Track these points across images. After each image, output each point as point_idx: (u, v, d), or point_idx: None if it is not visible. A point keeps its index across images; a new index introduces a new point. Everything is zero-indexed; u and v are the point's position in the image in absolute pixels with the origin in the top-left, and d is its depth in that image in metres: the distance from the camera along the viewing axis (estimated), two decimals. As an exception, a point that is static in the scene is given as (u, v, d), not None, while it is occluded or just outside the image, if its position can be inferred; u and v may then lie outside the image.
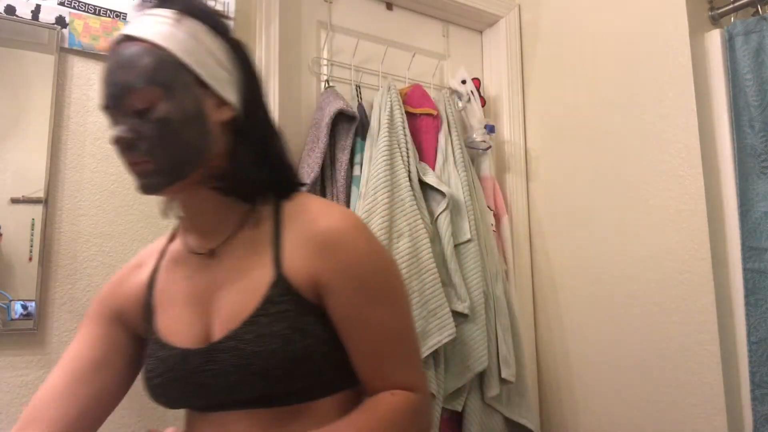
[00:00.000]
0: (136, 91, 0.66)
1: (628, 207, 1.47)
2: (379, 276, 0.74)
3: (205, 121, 0.70)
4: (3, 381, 1.05)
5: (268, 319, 0.69)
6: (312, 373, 0.70)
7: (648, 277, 1.41)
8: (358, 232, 0.74)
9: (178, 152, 0.68)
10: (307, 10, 1.56)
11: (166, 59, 0.68)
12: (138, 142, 0.67)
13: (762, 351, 1.22)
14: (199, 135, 0.70)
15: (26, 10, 1.13)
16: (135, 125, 0.67)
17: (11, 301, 1.07)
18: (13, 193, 1.09)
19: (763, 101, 1.28)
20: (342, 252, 0.71)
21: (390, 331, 0.74)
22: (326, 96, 1.45)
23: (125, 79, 0.67)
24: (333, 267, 0.71)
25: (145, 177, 0.69)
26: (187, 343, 0.73)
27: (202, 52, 0.70)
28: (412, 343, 0.78)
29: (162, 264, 0.82)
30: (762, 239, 1.25)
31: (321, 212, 0.74)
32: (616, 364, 1.47)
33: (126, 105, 0.67)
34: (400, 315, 0.76)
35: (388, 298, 0.74)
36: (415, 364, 0.77)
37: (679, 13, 1.38)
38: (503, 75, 1.83)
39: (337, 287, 0.71)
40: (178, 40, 0.69)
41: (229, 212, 0.76)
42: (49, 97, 1.13)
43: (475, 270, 1.45)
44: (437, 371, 1.34)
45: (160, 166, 0.68)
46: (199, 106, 0.70)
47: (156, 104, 0.67)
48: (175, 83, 0.68)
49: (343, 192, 1.39)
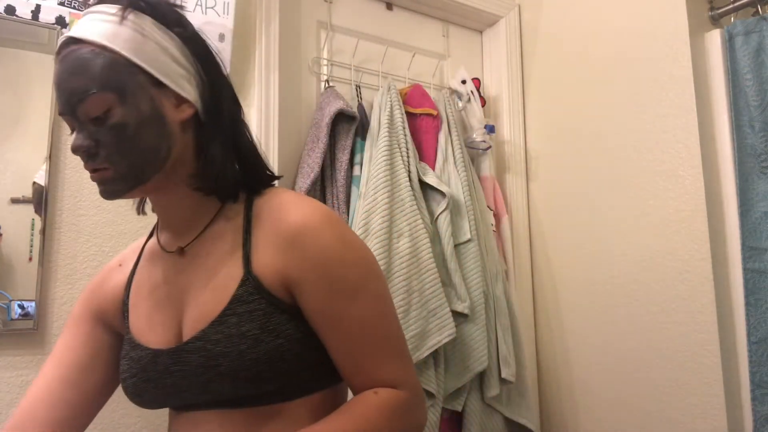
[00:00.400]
0: (87, 97, 0.64)
1: (628, 207, 1.47)
2: (351, 270, 0.70)
3: (164, 121, 0.67)
4: (3, 381, 1.05)
5: (237, 318, 0.67)
6: (284, 373, 0.68)
7: (648, 277, 1.41)
8: (327, 225, 0.70)
9: (136, 157, 0.66)
10: (307, 10, 1.56)
11: (116, 61, 0.64)
12: (97, 149, 0.65)
13: (762, 351, 1.22)
14: (159, 137, 0.67)
15: (26, 10, 1.13)
16: (92, 132, 0.65)
17: (11, 301, 1.07)
18: (13, 193, 1.09)
19: (763, 101, 1.28)
20: (310, 246, 0.68)
21: (368, 326, 0.70)
22: (326, 96, 1.45)
23: (76, 85, 0.64)
24: (301, 262, 0.68)
25: (105, 183, 0.67)
26: (158, 344, 0.72)
27: (153, 50, 0.66)
28: (395, 338, 0.73)
29: (140, 263, 0.81)
30: (762, 239, 1.25)
31: (290, 207, 0.71)
32: (616, 364, 1.47)
33: (80, 112, 0.65)
34: (377, 309, 0.72)
35: (362, 292, 0.70)
36: (401, 360, 0.73)
37: (679, 13, 1.38)
38: (503, 75, 1.83)
39: (307, 283, 0.68)
40: (124, 39, 0.65)
41: (200, 210, 0.74)
42: (49, 97, 1.13)
43: (475, 270, 1.45)
44: (437, 371, 1.34)
45: (120, 172, 0.66)
46: (156, 106, 0.67)
47: (111, 110, 0.64)
48: (127, 86, 0.65)
49: (343, 192, 1.39)
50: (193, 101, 0.70)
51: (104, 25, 0.65)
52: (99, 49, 0.64)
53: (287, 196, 0.74)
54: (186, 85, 0.69)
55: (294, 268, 0.68)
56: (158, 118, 0.67)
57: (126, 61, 0.65)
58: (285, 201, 0.73)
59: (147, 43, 0.66)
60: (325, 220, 0.70)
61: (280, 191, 0.76)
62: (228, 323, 0.67)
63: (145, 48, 0.66)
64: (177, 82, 0.68)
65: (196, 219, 0.74)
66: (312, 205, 0.72)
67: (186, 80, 0.69)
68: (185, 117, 0.70)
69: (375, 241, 1.30)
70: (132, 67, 0.65)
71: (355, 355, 0.70)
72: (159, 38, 0.67)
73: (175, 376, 0.69)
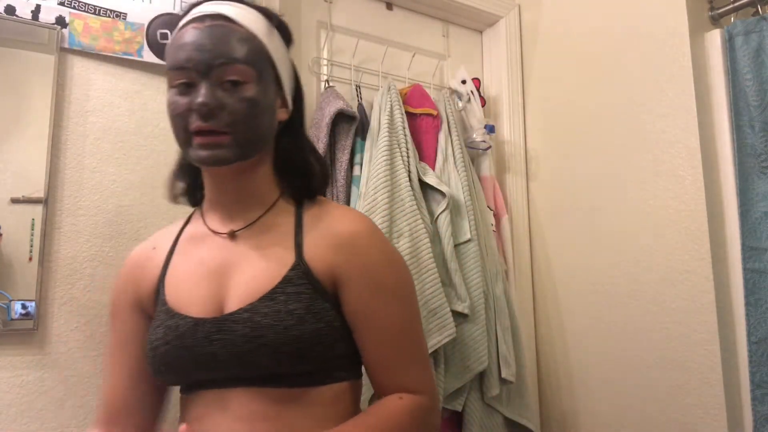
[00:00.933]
0: (235, 63, 0.72)
1: (628, 207, 1.47)
2: (391, 275, 0.79)
3: (274, 114, 0.79)
4: (3, 381, 1.05)
5: (286, 297, 0.72)
6: (319, 357, 0.73)
7: (648, 277, 1.41)
8: (375, 235, 0.81)
9: (254, 133, 0.75)
10: (307, 10, 1.56)
11: (264, 51, 0.76)
12: (221, 112, 0.71)
13: (762, 351, 1.22)
14: (270, 124, 0.79)
15: (26, 10, 1.13)
16: (220, 95, 0.72)
17: (11, 301, 1.07)
18: (13, 193, 1.09)
19: (763, 101, 1.28)
20: (359, 250, 0.78)
21: (398, 328, 0.78)
22: (326, 96, 1.45)
23: (227, 50, 0.72)
24: (350, 262, 0.77)
25: (218, 148, 0.72)
26: (199, 313, 0.75)
27: (284, 60, 0.82)
28: (422, 345, 0.82)
29: (178, 245, 0.85)
30: (762, 239, 1.25)
31: (346, 213, 0.83)
32: (616, 364, 1.47)
33: (218, 74, 0.72)
34: (409, 314, 0.80)
35: (398, 296, 0.79)
36: (424, 366, 0.81)
37: (679, 13, 1.38)
38: (503, 75, 1.83)
39: (352, 281, 0.76)
40: (273, 42, 0.78)
41: (260, 201, 0.82)
42: (49, 97, 1.13)
43: (475, 270, 1.45)
44: (437, 371, 1.34)
45: (237, 140, 0.73)
46: (274, 100, 0.79)
47: (247, 84, 0.73)
48: (265, 73, 0.76)
49: (343, 192, 1.39)
50: (289, 109, 0.83)
51: (260, 24, 0.78)
52: (254, 38, 0.75)
53: (342, 207, 0.88)
54: (289, 94, 0.83)
55: (343, 266, 0.76)
56: (273, 109, 0.79)
57: (269, 56, 0.77)
58: (340, 209, 0.85)
59: (283, 53, 0.82)
60: (374, 231, 0.82)
61: (332, 202, 0.89)
62: (277, 300, 0.72)
63: (282, 56, 0.81)
64: (288, 90, 0.83)
65: (253, 208, 0.81)
66: (363, 217, 0.84)
67: (289, 90, 0.83)
68: (283, 118, 0.82)
69: (375, 241, 1.30)
70: (271, 63, 0.78)
71: (383, 353, 0.78)
72: (286, 53, 0.83)
73: (215, 345, 0.72)
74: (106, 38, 1.20)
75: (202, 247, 0.81)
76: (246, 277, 0.76)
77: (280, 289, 0.73)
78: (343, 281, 0.76)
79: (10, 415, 1.05)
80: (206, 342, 0.72)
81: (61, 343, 1.11)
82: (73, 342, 1.12)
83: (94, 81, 1.20)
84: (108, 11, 1.21)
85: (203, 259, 0.80)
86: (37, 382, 1.08)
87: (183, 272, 0.80)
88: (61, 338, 1.11)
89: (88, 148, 1.18)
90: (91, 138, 1.19)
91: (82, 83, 1.19)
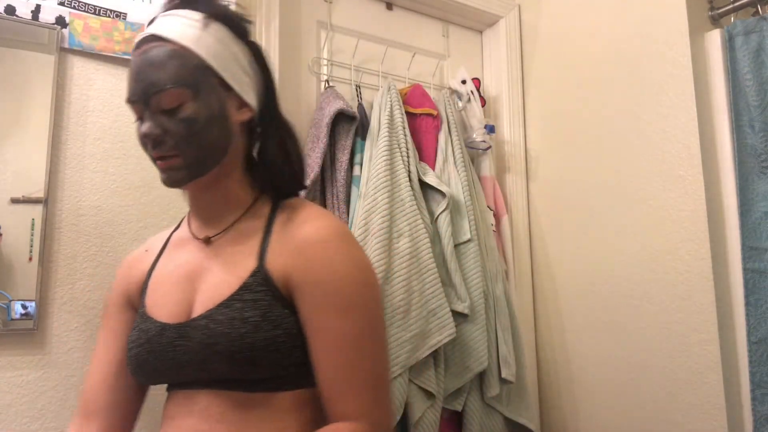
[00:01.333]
0: (165, 91, 0.71)
1: (628, 207, 1.47)
2: (348, 287, 0.72)
3: (227, 121, 0.76)
4: (3, 381, 1.05)
5: (242, 304, 0.71)
6: (277, 363, 0.71)
7: (648, 277, 1.41)
8: (338, 241, 0.74)
9: (202, 149, 0.73)
10: (307, 10, 1.56)
11: (196, 62, 0.72)
12: (165, 138, 0.72)
13: (762, 351, 1.22)
14: (222, 134, 0.75)
15: (26, 10, 1.13)
16: (162, 122, 0.72)
17: (11, 301, 1.07)
18: (13, 193, 1.09)
19: (763, 101, 1.28)
20: (316, 257, 0.73)
21: (347, 346, 0.71)
22: (326, 96, 1.45)
23: (155, 78, 0.71)
24: (305, 269, 0.72)
25: (171, 171, 0.73)
26: (167, 318, 0.76)
27: (228, 57, 0.75)
28: (376, 369, 0.73)
29: (166, 249, 0.87)
30: (762, 239, 1.25)
31: (310, 217, 0.77)
32: (616, 364, 1.47)
33: (154, 103, 0.72)
34: (362, 332, 0.72)
35: (353, 311, 0.72)
36: (372, 391, 0.72)
37: (679, 13, 1.38)
38: (503, 75, 1.83)
39: (305, 290, 0.72)
40: (206, 45, 0.73)
41: (235, 205, 0.81)
42: (49, 97, 1.13)
43: (475, 270, 1.45)
44: (437, 371, 1.34)
45: (187, 161, 0.73)
46: (223, 107, 0.75)
47: (184, 104, 0.72)
48: (202, 85, 0.73)
49: (343, 192, 1.39)
50: (253, 106, 0.79)
51: (189, 30, 0.73)
52: (182, 49, 0.72)
53: (312, 209, 0.80)
54: (249, 90, 0.78)
55: (297, 272, 0.72)
56: (223, 117, 0.75)
57: (204, 64, 0.73)
58: (309, 212, 0.78)
59: (223, 51, 0.75)
60: (338, 236, 0.75)
61: (308, 203, 0.82)
62: (233, 307, 0.71)
63: (221, 55, 0.75)
64: (242, 87, 0.77)
65: (228, 214, 0.81)
66: (330, 221, 0.77)
67: (249, 87, 0.79)
68: (245, 119, 0.78)
69: (375, 241, 1.30)
70: (208, 69, 0.73)
71: (327, 373, 0.71)
72: (233, 47, 0.76)
73: (177, 351, 0.73)
74: (106, 38, 1.20)
75: (183, 252, 0.82)
76: (211, 283, 0.76)
77: (237, 296, 0.72)
78: (297, 289, 0.73)
79: (10, 415, 1.05)
80: (170, 348, 0.73)
81: (61, 343, 1.11)
82: (73, 342, 1.12)
83: (94, 81, 1.20)
84: (108, 11, 1.21)
85: (181, 264, 0.81)
86: (37, 382, 1.08)
87: (162, 276, 0.82)
88: (61, 338, 1.11)
89: (88, 148, 1.18)
90: (91, 138, 1.19)
91: (82, 83, 1.19)
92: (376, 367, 0.73)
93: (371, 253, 1.29)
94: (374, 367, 0.73)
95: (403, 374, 1.26)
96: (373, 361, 0.73)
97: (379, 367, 0.73)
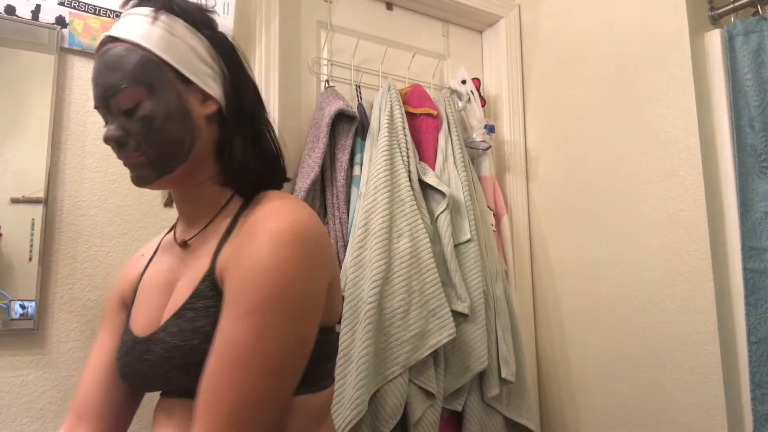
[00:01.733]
0: (120, 91, 0.69)
1: (628, 207, 1.47)
2: (257, 292, 0.61)
3: (189, 116, 0.72)
4: (3, 381, 1.05)
5: (194, 313, 0.67)
6: None
7: (648, 277, 1.41)
8: (274, 242, 0.63)
9: (164, 146, 0.70)
10: (307, 10, 1.56)
11: (148, 58, 0.69)
12: (127, 139, 0.70)
13: (762, 351, 1.22)
14: (184, 130, 0.71)
15: (26, 10, 1.13)
16: (123, 123, 0.70)
17: (11, 301, 1.07)
18: (13, 193, 1.09)
19: (763, 101, 1.28)
20: (246, 254, 0.64)
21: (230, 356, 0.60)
22: (326, 96, 1.45)
23: (110, 80, 0.69)
24: (234, 266, 0.65)
25: (136, 169, 0.72)
26: (139, 330, 0.75)
27: (182, 49, 0.71)
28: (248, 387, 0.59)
29: (156, 253, 0.85)
30: (762, 239, 1.25)
31: (266, 213, 0.68)
32: (616, 364, 1.47)
33: (113, 105, 0.70)
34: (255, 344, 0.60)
35: (251, 318, 0.60)
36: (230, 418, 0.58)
37: (679, 13, 1.38)
38: (503, 75, 1.83)
39: (226, 287, 0.65)
40: (156, 38, 0.70)
41: (210, 206, 0.77)
42: (49, 97, 1.13)
43: (475, 270, 1.45)
44: (437, 371, 1.34)
45: (150, 159, 0.71)
46: (183, 101, 0.71)
47: (141, 103, 0.69)
48: (157, 82, 0.69)
49: (343, 192, 1.39)
50: (218, 98, 0.74)
51: (139, 26, 0.71)
52: (133, 47, 0.70)
53: (274, 203, 0.70)
54: (211, 82, 0.74)
55: (227, 270, 0.66)
56: (184, 112, 0.71)
57: (157, 59, 0.70)
58: (268, 207, 0.69)
59: (177, 43, 0.71)
60: (278, 234, 0.63)
61: (277, 197, 0.73)
62: (185, 317, 0.68)
63: (175, 47, 0.71)
64: (203, 79, 0.73)
65: (205, 214, 0.77)
66: (282, 218, 0.65)
67: (212, 78, 0.74)
68: (209, 112, 0.74)
69: (375, 241, 1.30)
70: (162, 64, 0.70)
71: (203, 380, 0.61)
72: (188, 39, 0.72)
73: (145, 365, 0.71)
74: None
75: (167, 257, 0.80)
76: (176, 291, 0.73)
77: (189, 305, 0.68)
78: (224, 285, 0.66)
79: (10, 415, 1.05)
80: (138, 362, 0.72)
81: (61, 343, 1.11)
82: (73, 342, 1.12)
83: (94, 81, 1.20)
84: (108, 11, 1.21)
85: (163, 270, 0.79)
86: (37, 382, 1.08)
87: (147, 282, 0.81)
88: (61, 338, 1.11)
89: (88, 148, 1.18)
90: (91, 138, 1.19)
91: (82, 83, 1.19)
92: (248, 388, 0.59)
93: (371, 253, 1.29)
94: (244, 387, 0.59)
95: (403, 374, 1.26)
96: (248, 381, 0.60)
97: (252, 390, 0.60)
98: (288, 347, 0.62)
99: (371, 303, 1.25)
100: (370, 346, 1.22)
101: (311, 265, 0.65)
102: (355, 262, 1.30)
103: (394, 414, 1.24)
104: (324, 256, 0.68)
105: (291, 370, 0.63)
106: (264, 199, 0.73)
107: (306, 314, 0.64)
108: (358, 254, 1.31)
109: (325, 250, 0.68)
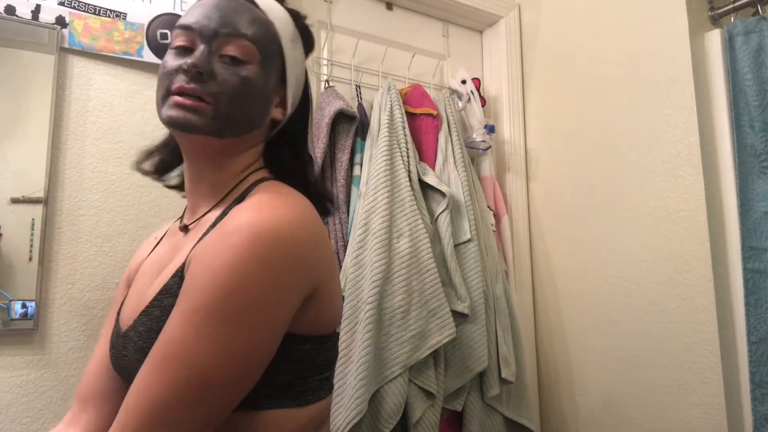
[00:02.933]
0: (242, 39, 0.67)
1: (628, 207, 1.47)
2: (207, 291, 0.55)
3: (267, 107, 0.72)
4: (3, 381, 1.05)
5: (160, 312, 0.61)
6: None
7: (648, 277, 1.41)
8: (237, 238, 0.56)
9: (239, 112, 0.67)
10: (307, 10, 1.55)
11: (276, 40, 0.71)
12: (210, 78, 0.65)
13: (762, 351, 1.22)
14: (259, 114, 0.71)
15: (26, 10, 1.13)
16: (214, 64, 0.66)
17: (11, 301, 1.07)
18: (13, 193, 1.09)
19: (763, 101, 1.28)
20: (207, 246, 0.59)
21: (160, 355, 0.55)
22: (326, 96, 1.45)
23: (236, 20, 0.67)
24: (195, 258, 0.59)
25: (193, 113, 0.64)
26: (123, 323, 0.71)
27: (295, 58, 0.75)
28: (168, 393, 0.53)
29: (164, 238, 0.82)
30: (762, 239, 1.25)
31: (249, 204, 0.61)
32: (616, 364, 1.47)
33: (220, 44, 0.67)
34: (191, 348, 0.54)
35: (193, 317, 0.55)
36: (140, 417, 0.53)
37: (679, 13, 1.38)
38: (503, 75, 1.83)
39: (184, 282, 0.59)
40: (288, 36, 0.73)
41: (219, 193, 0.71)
42: (49, 97, 1.13)
43: (475, 270, 1.45)
44: (437, 371, 1.34)
45: (218, 113, 0.65)
46: (271, 92, 0.72)
47: (249, 63, 0.68)
48: (271, 60, 0.70)
49: (343, 192, 1.39)
50: (288, 111, 0.76)
51: (280, 12, 0.73)
52: (269, 23, 0.71)
53: (264, 197, 0.63)
54: (291, 96, 0.76)
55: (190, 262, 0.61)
56: (267, 102, 0.72)
57: (280, 47, 0.72)
58: (255, 200, 0.62)
59: (295, 52, 0.76)
60: (249, 232, 0.56)
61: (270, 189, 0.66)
62: (151, 315, 0.63)
63: (293, 54, 0.75)
64: (290, 90, 0.75)
65: (209, 201, 0.72)
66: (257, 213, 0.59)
67: (293, 94, 0.76)
68: (277, 117, 0.75)
69: (375, 241, 1.30)
70: (280, 54, 0.72)
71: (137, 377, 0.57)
72: (299, 55, 0.77)
73: (125, 361, 0.67)
74: (106, 38, 1.20)
75: (168, 243, 0.76)
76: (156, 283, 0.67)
77: (157, 301, 0.62)
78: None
79: (10, 415, 1.05)
80: (121, 357, 0.69)
81: (61, 343, 1.11)
82: (73, 342, 1.12)
83: (94, 81, 1.20)
84: (108, 11, 1.21)
85: (160, 258, 0.74)
86: (37, 382, 1.08)
87: (143, 270, 0.77)
88: (61, 338, 1.11)
89: (88, 148, 1.18)
90: (91, 138, 1.19)
91: (82, 83, 1.19)
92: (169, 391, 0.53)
93: (371, 253, 1.29)
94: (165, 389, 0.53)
95: (403, 374, 1.26)
96: (171, 383, 0.53)
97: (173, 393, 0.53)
98: (226, 356, 0.54)
99: (371, 303, 1.25)
100: (370, 346, 1.22)
101: (276, 270, 0.57)
102: (355, 262, 1.30)
103: (394, 414, 1.24)
104: (300, 263, 0.59)
105: (223, 382, 0.55)
106: (259, 190, 0.67)
107: (257, 323, 0.56)
108: (358, 254, 1.31)
109: (307, 255, 0.60)
